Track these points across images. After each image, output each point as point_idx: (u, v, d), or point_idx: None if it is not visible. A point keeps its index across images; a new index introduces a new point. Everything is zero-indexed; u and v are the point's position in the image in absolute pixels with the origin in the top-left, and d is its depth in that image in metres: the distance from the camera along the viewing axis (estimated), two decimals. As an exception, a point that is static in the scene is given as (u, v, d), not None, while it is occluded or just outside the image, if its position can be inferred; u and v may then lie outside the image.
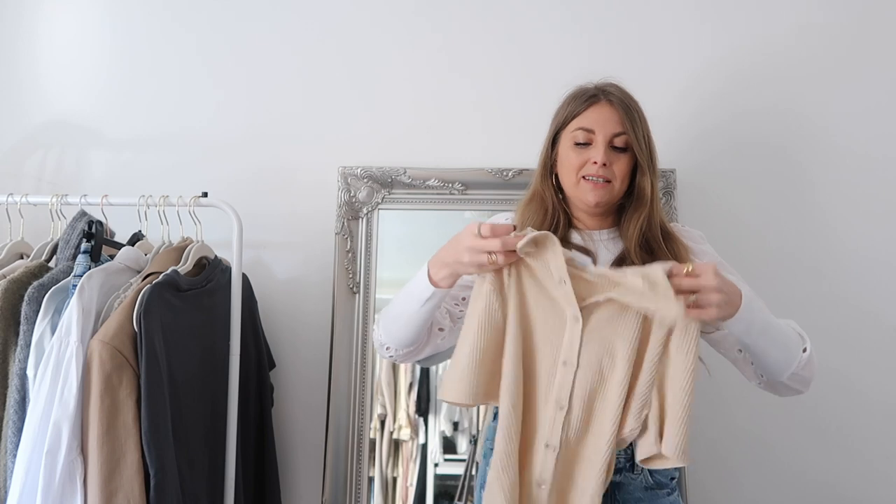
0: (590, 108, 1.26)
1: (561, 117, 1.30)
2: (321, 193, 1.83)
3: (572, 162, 1.25)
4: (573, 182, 1.25)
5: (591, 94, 1.28)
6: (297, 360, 1.81)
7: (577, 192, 1.25)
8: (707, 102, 1.82)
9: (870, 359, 1.74)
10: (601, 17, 1.84)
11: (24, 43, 1.94)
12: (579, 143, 1.25)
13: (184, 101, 1.90)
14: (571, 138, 1.26)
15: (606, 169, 1.23)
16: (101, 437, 1.23)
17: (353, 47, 1.88)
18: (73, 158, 1.91)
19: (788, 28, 1.82)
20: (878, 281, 1.76)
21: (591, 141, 1.24)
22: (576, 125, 1.26)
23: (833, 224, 1.78)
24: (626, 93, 1.28)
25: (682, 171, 1.77)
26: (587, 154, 1.24)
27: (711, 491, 1.73)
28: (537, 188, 1.32)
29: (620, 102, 1.25)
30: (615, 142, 1.24)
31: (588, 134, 1.24)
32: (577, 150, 1.25)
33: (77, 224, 1.48)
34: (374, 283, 1.79)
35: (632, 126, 1.23)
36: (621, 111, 1.24)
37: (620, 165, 1.24)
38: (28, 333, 1.33)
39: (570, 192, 1.28)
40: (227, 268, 1.58)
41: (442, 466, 1.76)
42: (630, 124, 1.23)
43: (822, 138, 1.79)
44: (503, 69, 1.84)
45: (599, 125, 1.24)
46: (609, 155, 1.23)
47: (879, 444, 1.73)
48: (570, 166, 1.25)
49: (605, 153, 1.22)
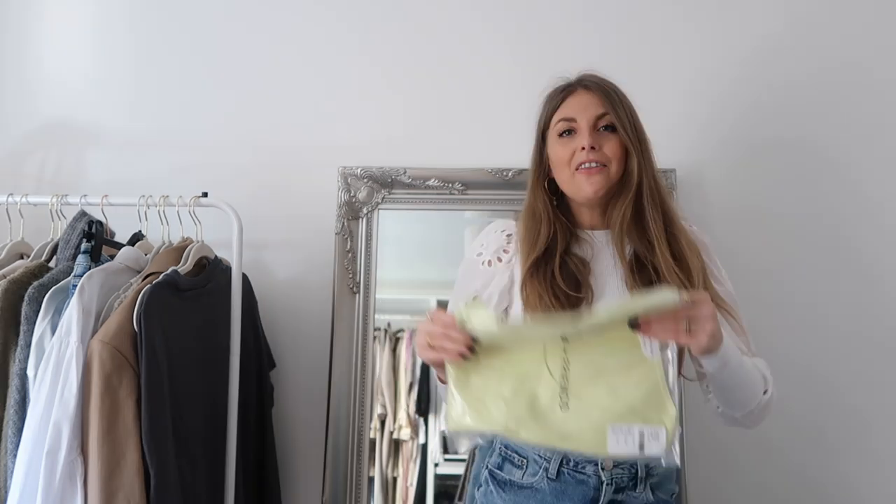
0: (567, 97, 1.25)
1: (542, 118, 1.28)
2: (321, 193, 1.83)
3: (560, 155, 1.22)
4: (567, 177, 1.22)
5: (565, 86, 1.26)
6: (297, 360, 1.81)
7: (572, 187, 1.22)
8: (707, 102, 1.81)
9: (870, 359, 1.74)
10: (602, 16, 1.84)
11: (24, 43, 1.94)
12: (563, 134, 1.23)
13: (184, 101, 1.90)
14: (555, 132, 1.24)
15: (597, 152, 1.19)
16: (102, 437, 1.23)
17: (354, 47, 1.88)
18: (73, 158, 1.91)
19: (789, 28, 1.82)
20: (879, 281, 1.76)
21: (575, 129, 1.22)
22: (557, 118, 1.24)
23: (834, 223, 1.78)
24: (603, 79, 1.25)
25: (681, 171, 1.77)
26: (573, 143, 1.21)
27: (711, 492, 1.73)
28: (530, 201, 1.28)
29: (598, 87, 1.22)
30: (600, 123, 1.21)
31: (570, 123, 1.22)
32: (563, 141, 1.23)
33: (77, 224, 1.48)
34: (374, 283, 1.79)
35: (613, 107, 1.20)
36: (600, 93, 1.21)
37: (611, 146, 1.20)
38: (28, 333, 1.33)
39: (566, 189, 1.24)
40: (228, 268, 1.58)
41: (442, 466, 1.76)
42: (611, 105, 1.20)
43: (823, 138, 1.79)
44: (503, 69, 1.84)
45: (580, 111, 1.21)
46: (596, 137, 1.20)
47: (881, 444, 1.74)
48: (560, 160, 1.23)
49: (591, 136, 1.19)
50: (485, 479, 1.24)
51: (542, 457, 1.17)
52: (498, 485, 1.21)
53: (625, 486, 1.17)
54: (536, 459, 1.18)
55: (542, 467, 1.17)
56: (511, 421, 1.03)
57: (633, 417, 0.99)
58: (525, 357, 1.03)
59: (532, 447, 1.17)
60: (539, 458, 1.18)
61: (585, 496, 1.15)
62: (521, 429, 1.02)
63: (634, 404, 0.99)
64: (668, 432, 0.98)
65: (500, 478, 1.21)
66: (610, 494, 1.15)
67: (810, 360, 1.73)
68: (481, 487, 1.24)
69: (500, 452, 1.23)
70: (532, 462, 1.18)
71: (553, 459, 1.17)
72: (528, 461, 1.19)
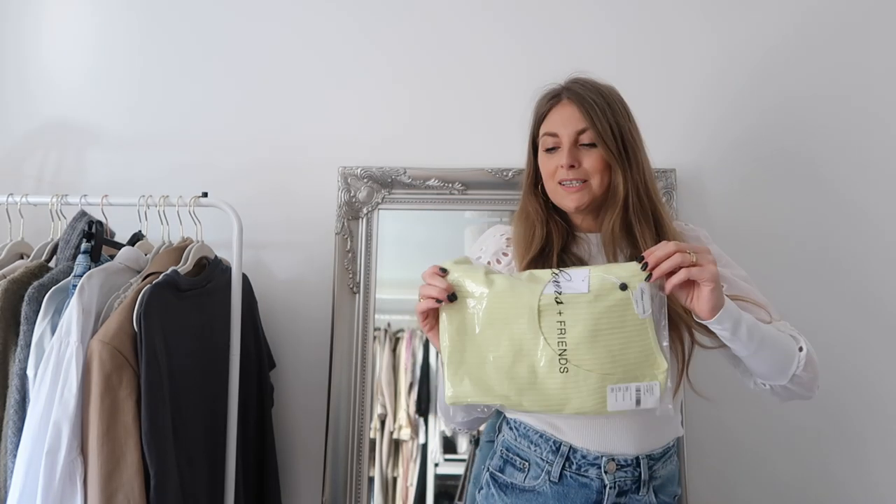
0: (552, 109, 1.24)
1: (532, 127, 1.29)
2: (321, 193, 1.83)
3: (546, 169, 1.24)
4: (553, 189, 1.23)
5: (552, 96, 1.25)
6: (297, 360, 1.81)
7: (557, 199, 1.23)
8: (708, 102, 1.81)
9: (871, 360, 1.74)
10: (602, 16, 1.84)
11: (25, 43, 1.94)
12: (549, 150, 1.23)
13: (184, 101, 1.90)
14: (542, 145, 1.25)
15: (577, 170, 1.19)
16: (101, 437, 1.23)
17: (354, 47, 1.88)
18: (73, 158, 1.91)
19: (790, 28, 1.82)
20: (880, 281, 1.76)
21: (559, 145, 1.22)
22: (543, 130, 1.25)
23: (835, 223, 1.78)
24: (589, 85, 1.23)
25: (681, 171, 1.77)
26: (556, 159, 1.22)
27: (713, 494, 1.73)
28: (523, 204, 1.29)
29: (579, 98, 1.21)
30: (581, 139, 1.20)
31: (554, 138, 1.22)
32: (548, 156, 1.23)
33: (77, 224, 1.48)
34: (374, 283, 1.79)
35: (592, 120, 1.19)
36: (583, 107, 1.20)
37: (591, 161, 1.19)
38: (28, 333, 1.33)
39: (553, 199, 1.25)
40: (228, 268, 1.58)
41: (442, 466, 1.76)
42: (591, 118, 1.19)
43: (824, 138, 1.79)
44: (504, 68, 1.84)
45: (562, 126, 1.21)
46: (576, 155, 1.20)
47: (881, 445, 1.73)
48: (546, 174, 1.24)
49: (570, 154, 1.19)
50: (486, 481, 1.24)
51: (545, 459, 1.17)
52: (499, 488, 1.20)
53: (628, 489, 1.16)
54: (538, 462, 1.18)
55: (545, 470, 1.17)
56: (512, 391, 1.04)
57: (627, 377, 1.03)
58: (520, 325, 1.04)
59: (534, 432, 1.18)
60: (541, 461, 1.17)
61: (588, 499, 1.15)
62: (522, 398, 1.04)
63: (629, 363, 1.03)
64: (661, 385, 1.03)
65: (502, 480, 1.20)
66: (613, 497, 1.15)
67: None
68: (482, 490, 1.24)
69: (502, 455, 1.22)
70: (534, 465, 1.18)
71: (556, 462, 1.16)
72: (529, 464, 1.18)
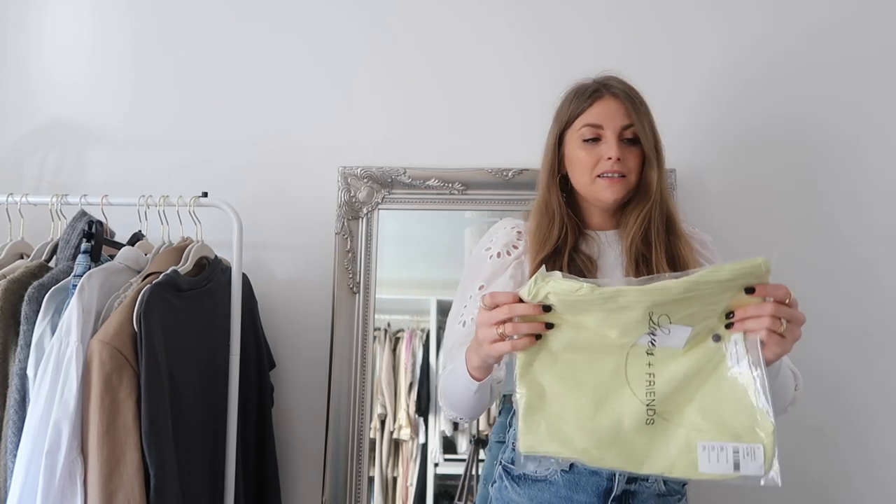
0: (595, 103, 1.25)
1: (564, 117, 1.28)
2: (321, 193, 1.83)
3: (584, 161, 1.24)
4: (587, 181, 1.24)
5: (593, 90, 1.26)
6: (297, 360, 1.81)
7: (592, 192, 1.24)
8: (708, 102, 1.81)
9: (872, 360, 1.74)
10: (602, 15, 1.84)
11: (25, 43, 1.94)
12: (588, 140, 1.24)
13: (184, 101, 1.90)
14: (579, 136, 1.24)
15: (621, 163, 1.21)
16: (101, 437, 1.23)
17: (354, 47, 1.88)
18: (73, 158, 1.90)
19: (791, 28, 1.82)
20: (881, 282, 1.76)
21: (601, 136, 1.23)
22: (582, 122, 1.25)
23: (836, 224, 1.78)
24: (628, 84, 1.26)
25: (682, 171, 1.77)
26: (598, 151, 1.23)
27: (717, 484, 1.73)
28: (544, 196, 1.29)
29: (625, 94, 1.24)
30: (625, 134, 1.23)
31: (596, 130, 1.23)
32: (587, 147, 1.24)
33: (77, 224, 1.48)
34: (374, 283, 1.79)
35: (638, 117, 1.22)
36: (627, 103, 1.23)
37: (633, 157, 1.23)
38: (28, 333, 1.33)
39: (584, 191, 1.26)
40: (228, 268, 1.58)
41: (442, 466, 1.76)
42: (637, 116, 1.22)
43: (825, 138, 1.79)
44: (504, 68, 1.84)
45: (607, 119, 1.23)
46: (621, 148, 1.22)
47: (889, 443, 1.73)
48: (583, 166, 1.24)
49: (618, 147, 1.21)
50: (499, 474, 1.24)
51: None
52: (512, 479, 1.21)
53: (635, 476, 1.17)
54: None
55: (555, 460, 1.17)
56: (593, 445, 0.93)
57: (723, 436, 0.91)
58: (603, 371, 0.93)
59: None
60: None
61: (599, 487, 1.16)
62: (604, 454, 0.93)
63: (725, 421, 0.91)
64: (767, 449, 0.91)
65: (514, 472, 1.21)
66: (623, 485, 1.16)
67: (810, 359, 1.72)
68: (495, 483, 1.25)
69: (514, 447, 1.23)
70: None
71: None
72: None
